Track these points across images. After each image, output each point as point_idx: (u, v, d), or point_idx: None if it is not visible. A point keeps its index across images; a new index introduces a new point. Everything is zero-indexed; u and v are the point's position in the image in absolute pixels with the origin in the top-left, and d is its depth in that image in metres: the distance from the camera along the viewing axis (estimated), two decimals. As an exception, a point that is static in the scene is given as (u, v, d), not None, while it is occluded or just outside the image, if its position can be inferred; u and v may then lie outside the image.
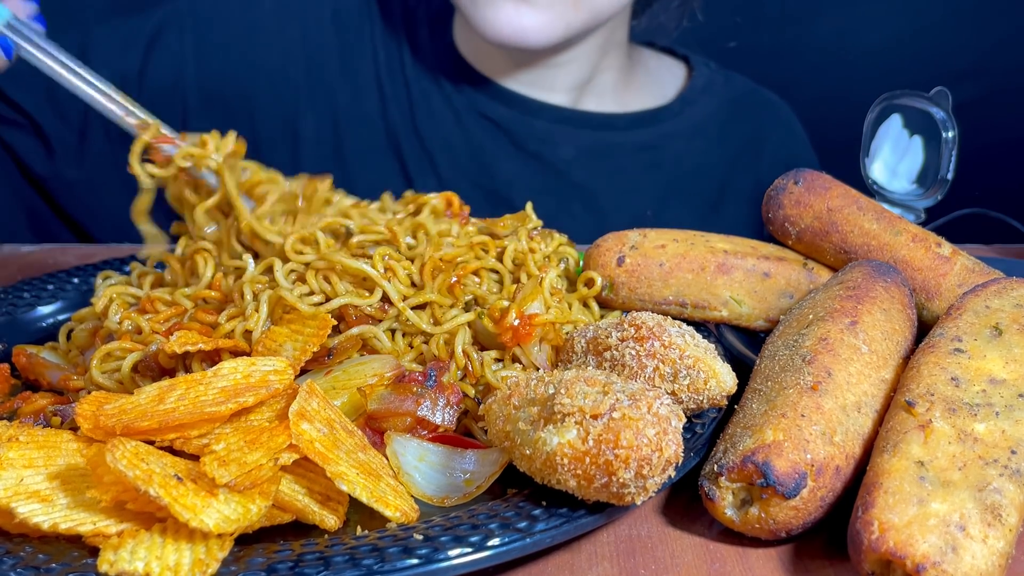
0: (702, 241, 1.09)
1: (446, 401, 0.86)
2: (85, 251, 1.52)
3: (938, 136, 1.40)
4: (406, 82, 1.66)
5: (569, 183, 1.68)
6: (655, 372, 0.86)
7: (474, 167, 1.67)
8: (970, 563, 0.67)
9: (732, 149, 1.77)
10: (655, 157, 1.72)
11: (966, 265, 1.04)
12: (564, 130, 1.68)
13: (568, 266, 1.11)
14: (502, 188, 1.67)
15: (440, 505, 0.80)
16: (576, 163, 1.68)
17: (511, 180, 1.67)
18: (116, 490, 0.69)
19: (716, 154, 1.76)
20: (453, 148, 1.66)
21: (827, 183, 1.10)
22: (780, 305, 1.07)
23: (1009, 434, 0.75)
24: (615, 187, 1.70)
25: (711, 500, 0.78)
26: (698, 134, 1.75)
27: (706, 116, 1.75)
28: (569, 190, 1.69)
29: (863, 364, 0.85)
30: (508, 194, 1.66)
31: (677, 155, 1.73)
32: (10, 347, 1.07)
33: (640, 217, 1.69)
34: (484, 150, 1.67)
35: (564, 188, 1.68)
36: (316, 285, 0.95)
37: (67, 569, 0.67)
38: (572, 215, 1.67)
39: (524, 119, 1.66)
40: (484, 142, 1.67)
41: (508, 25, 1.47)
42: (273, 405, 0.79)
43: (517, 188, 1.66)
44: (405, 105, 1.66)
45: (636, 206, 1.71)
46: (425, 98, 1.66)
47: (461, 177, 1.66)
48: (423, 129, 1.66)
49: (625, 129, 1.71)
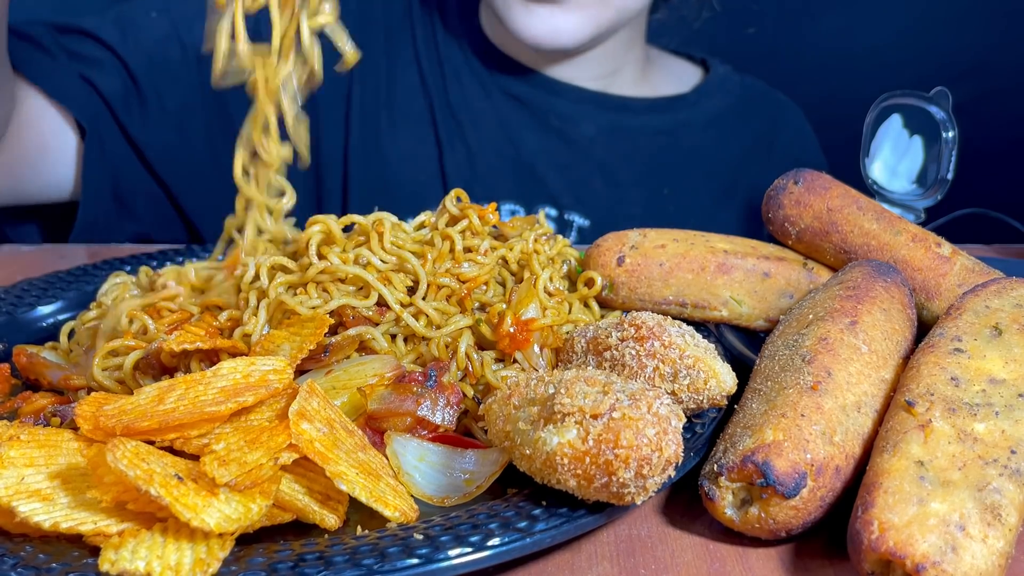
0: (702, 241, 1.09)
1: (446, 401, 0.86)
2: (85, 251, 1.53)
3: (938, 136, 1.40)
4: (439, 60, 1.75)
5: (589, 159, 1.76)
6: (655, 372, 0.86)
7: (500, 138, 1.75)
8: (970, 563, 0.67)
9: (746, 142, 1.85)
10: (671, 141, 1.80)
11: (966, 265, 1.04)
12: (585, 109, 1.76)
13: (570, 268, 1.11)
14: (526, 159, 1.75)
15: (440, 505, 0.80)
16: (596, 141, 1.76)
17: (535, 152, 1.75)
18: (117, 490, 0.69)
19: (730, 145, 1.83)
20: (481, 120, 1.74)
21: (827, 183, 1.10)
22: (780, 305, 1.07)
23: (1009, 434, 0.75)
24: (633, 165, 1.78)
25: (711, 500, 0.78)
26: (713, 125, 1.82)
27: (722, 109, 1.83)
28: (589, 165, 1.76)
29: (863, 364, 0.85)
30: (531, 165, 1.75)
31: (693, 142, 1.81)
32: (10, 347, 1.07)
33: (656, 195, 1.78)
34: (510, 124, 1.75)
35: (584, 163, 1.76)
36: (315, 294, 0.96)
37: (67, 569, 0.67)
38: (592, 189, 1.75)
39: (548, 98, 1.75)
40: (510, 117, 1.75)
41: (542, 27, 1.57)
42: (273, 405, 0.79)
43: (540, 160, 1.74)
44: (439, 80, 1.75)
45: (652, 185, 1.79)
46: (456, 75, 1.75)
47: (488, 147, 1.74)
48: (455, 102, 1.75)
49: (644, 113, 1.79)
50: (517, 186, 1.73)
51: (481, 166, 1.74)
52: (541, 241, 1.08)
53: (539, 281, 1.01)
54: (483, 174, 1.74)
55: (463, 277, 1.00)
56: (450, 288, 0.99)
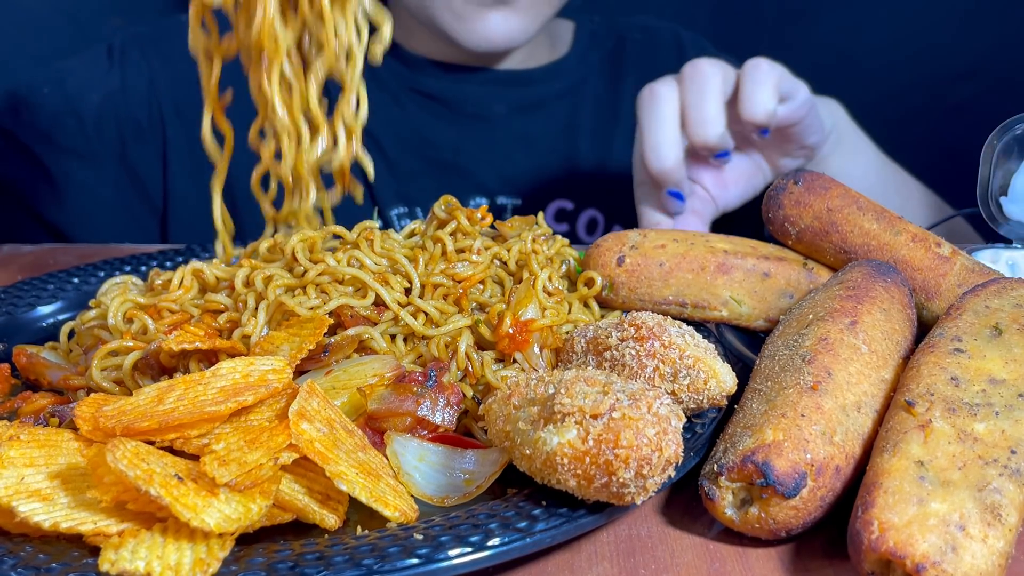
0: (702, 241, 1.09)
1: (446, 401, 0.86)
2: (85, 251, 1.52)
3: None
4: None
5: (508, 136, 1.78)
6: (655, 372, 0.86)
7: (417, 140, 1.76)
8: (970, 563, 0.67)
9: (625, 76, 1.86)
10: (575, 101, 1.82)
11: (966, 265, 1.04)
12: (495, 90, 1.76)
13: (569, 268, 1.11)
14: (447, 155, 1.76)
15: (440, 505, 0.80)
16: (511, 119, 1.78)
17: (454, 145, 1.76)
18: (117, 490, 0.69)
19: (619, 84, 1.85)
20: (395, 128, 1.74)
21: (827, 183, 1.10)
22: (780, 305, 1.07)
23: (1009, 434, 0.75)
24: (549, 131, 1.80)
25: (711, 500, 0.78)
26: (601, 72, 1.85)
27: (603, 55, 1.86)
28: (507, 144, 1.78)
29: (863, 364, 0.85)
30: (454, 159, 1.76)
31: (594, 93, 1.84)
32: (10, 347, 1.07)
33: (574, 155, 1.80)
34: (424, 123, 1.75)
35: (504, 141, 1.78)
36: (313, 295, 0.97)
37: (67, 569, 0.67)
38: (515, 163, 1.77)
39: (458, 87, 1.75)
40: (423, 116, 1.75)
41: (496, 33, 1.58)
42: (273, 405, 0.79)
43: (462, 152, 1.76)
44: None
45: (568, 148, 1.80)
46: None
47: (409, 154, 1.75)
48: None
49: (547, 80, 1.80)
50: (444, 184, 1.68)
51: (403, 173, 1.73)
52: (540, 241, 1.08)
53: (538, 282, 1.01)
54: (407, 180, 1.73)
55: (458, 277, 1.00)
56: (446, 287, 0.99)
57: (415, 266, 1.00)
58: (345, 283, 0.98)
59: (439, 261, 1.01)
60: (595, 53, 1.85)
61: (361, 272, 0.97)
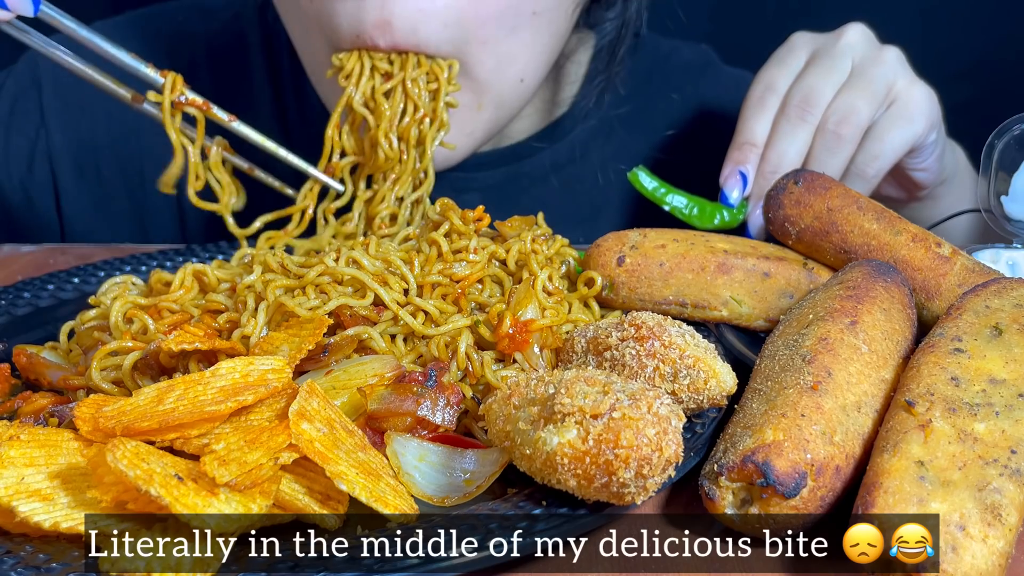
0: (702, 241, 1.09)
1: (446, 401, 0.86)
2: (85, 251, 1.52)
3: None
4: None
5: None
6: (655, 372, 0.86)
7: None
8: (970, 563, 0.67)
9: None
10: (573, 173, 1.61)
11: (966, 265, 1.04)
12: (481, 175, 1.56)
13: (569, 267, 1.11)
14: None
15: (440, 505, 0.79)
16: (502, 188, 1.57)
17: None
18: (117, 490, 0.69)
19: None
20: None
21: (827, 183, 1.10)
22: (780, 305, 1.07)
23: (1009, 434, 0.75)
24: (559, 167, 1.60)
25: (711, 500, 0.78)
26: (600, 134, 1.62)
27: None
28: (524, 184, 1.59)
29: (863, 364, 0.85)
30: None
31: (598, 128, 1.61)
32: (10, 347, 1.07)
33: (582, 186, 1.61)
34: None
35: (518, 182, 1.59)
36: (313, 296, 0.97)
37: (67, 569, 0.67)
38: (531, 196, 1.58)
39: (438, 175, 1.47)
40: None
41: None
42: (273, 405, 0.79)
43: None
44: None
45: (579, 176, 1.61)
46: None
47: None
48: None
49: (536, 150, 1.58)
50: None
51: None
52: (539, 241, 1.08)
53: (537, 282, 1.01)
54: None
55: (456, 277, 1.00)
56: (444, 287, 0.99)
57: (410, 268, 0.99)
58: (344, 284, 0.98)
59: (435, 263, 1.01)
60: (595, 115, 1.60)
61: (360, 272, 0.97)
